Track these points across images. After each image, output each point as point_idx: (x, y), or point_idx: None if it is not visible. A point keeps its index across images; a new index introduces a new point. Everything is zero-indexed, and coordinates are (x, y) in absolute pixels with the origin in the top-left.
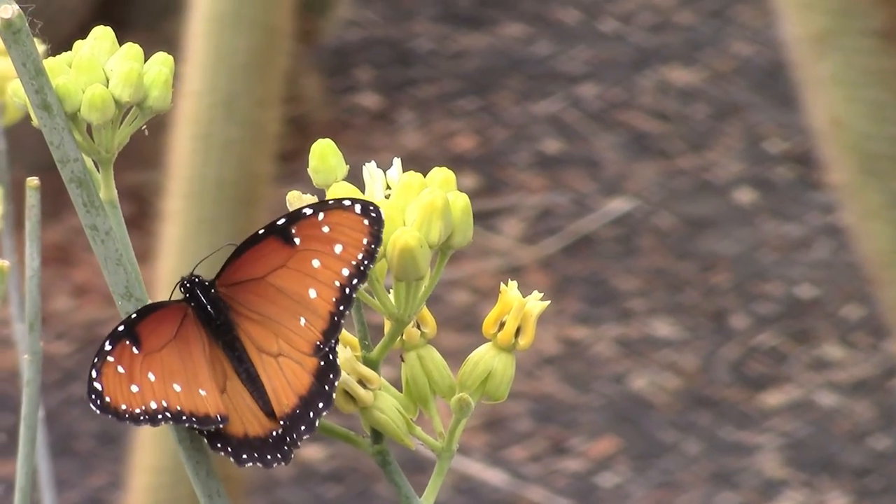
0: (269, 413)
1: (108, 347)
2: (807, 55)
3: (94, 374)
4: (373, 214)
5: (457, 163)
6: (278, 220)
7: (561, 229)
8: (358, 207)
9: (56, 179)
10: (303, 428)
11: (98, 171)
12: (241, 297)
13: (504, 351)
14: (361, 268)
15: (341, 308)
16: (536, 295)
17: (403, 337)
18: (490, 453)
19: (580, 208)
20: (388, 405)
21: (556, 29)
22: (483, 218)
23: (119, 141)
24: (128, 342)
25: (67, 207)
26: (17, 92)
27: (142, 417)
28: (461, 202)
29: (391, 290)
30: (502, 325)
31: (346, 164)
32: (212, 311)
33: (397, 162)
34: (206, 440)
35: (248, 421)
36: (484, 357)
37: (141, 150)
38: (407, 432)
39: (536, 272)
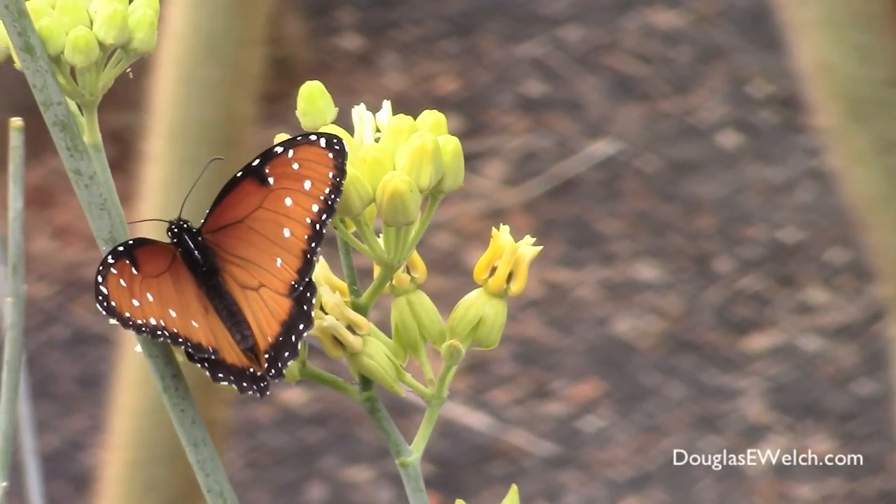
0: (247, 350)
1: (110, 260)
2: None
3: (99, 278)
4: (336, 147)
5: (439, 105)
6: (253, 161)
7: (544, 172)
8: (322, 141)
9: (37, 120)
10: (286, 354)
11: (82, 114)
12: (224, 242)
13: (495, 297)
14: (329, 202)
15: (313, 245)
16: (528, 240)
17: (393, 282)
18: (473, 396)
19: (563, 151)
20: (377, 351)
21: None
22: (466, 160)
23: (103, 84)
24: (127, 261)
25: (48, 149)
26: None
27: (143, 329)
28: (452, 146)
29: (381, 235)
30: (493, 270)
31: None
32: (199, 257)
33: (387, 105)
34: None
35: (227, 351)
36: (475, 303)
37: (123, 93)
38: (396, 379)
39: (519, 215)
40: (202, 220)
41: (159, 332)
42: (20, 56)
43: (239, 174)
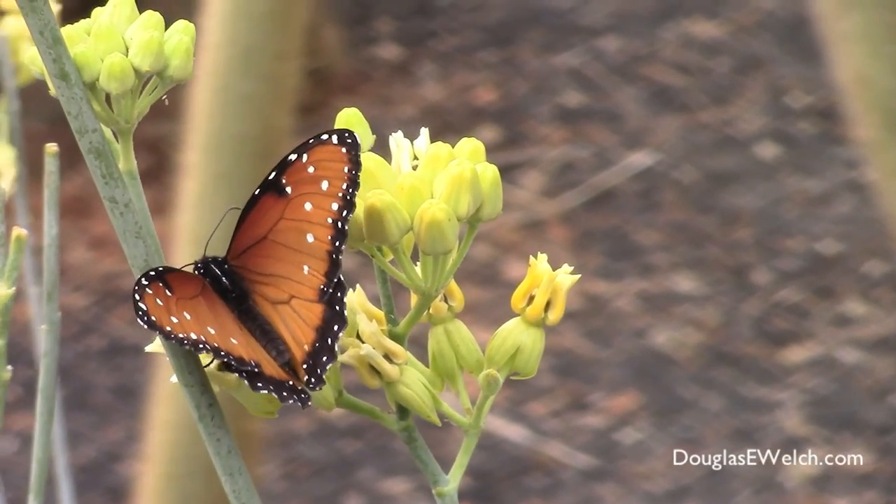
0: (283, 364)
1: (144, 282)
2: (831, 11)
3: (136, 296)
4: (349, 140)
5: (477, 115)
6: (269, 174)
7: (582, 183)
8: (335, 137)
9: (71, 131)
10: (325, 358)
11: (117, 140)
12: (251, 263)
13: (533, 326)
14: (348, 197)
15: (337, 244)
16: (566, 268)
17: (430, 311)
18: (510, 409)
19: (601, 162)
20: (414, 380)
21: None
22: (504, 171)
23: (139, 111)
24: (160, 284)
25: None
26: (34, 60)
27: (185, 342)
28: (490, 174)
29: (418, 263)
30: (531, 298)
31: (367, 117)
32: (227, 283)
33: (425, 132)
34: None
35: (266, 365)
36: (513, 332)
37: (158, 103)
38: (433, 408)
39: (557, 226)
40: (227, 249)
41: (201, 346)
42: (55, 83)
43: (257, 191)
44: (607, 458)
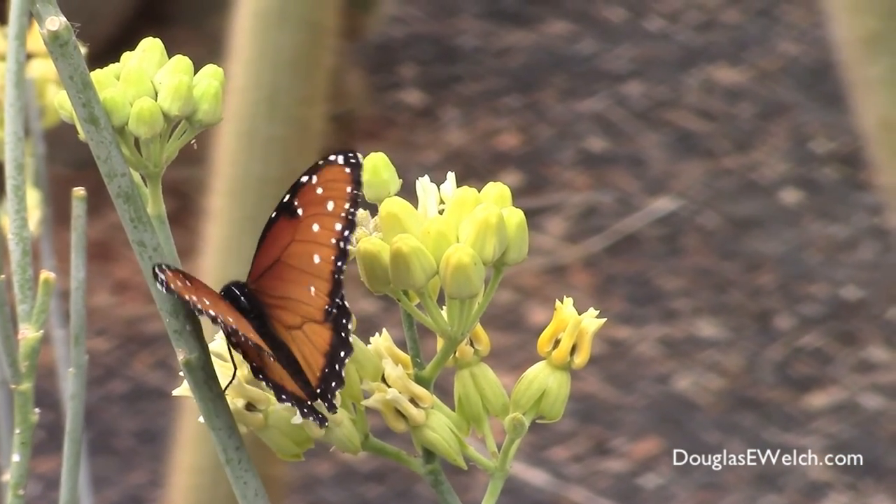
0: (310, 395)
1: (163, 266)
2: (856, 57)
3: (156, 270)
4: (353, 161)
5: (500, 161)
6: (283, 197)
7: (605, 228)
8: (340, 158)
9: (95, 176)
10: (333, 384)
11: (146, 185)
12: (267, 286)
13: (559, 369)
14: (349, 217)
15: (339, 264)
16: (592, 312)
17: (456, 355)
18: (532, 453)
19: (625, 207)
20: (440, 424)
21: (602, 27)
22: (526, 216)
23: (167, 155)
24: (182, 275)
25: (108, 203)
26: (63, 104)
27: (206, 314)
28: (516, 218)
29: (444, 307)
30: (557, 342)
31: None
32: (246, 304)
33: (451, 176)
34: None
35: (287, 381)
36: (538, 375)
37: (183, 147)
38: (459, 452)
39: (580, 271)
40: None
41: (220, 322)
42: (84, 127)
43: (273, 214)
44: (629, 502)
